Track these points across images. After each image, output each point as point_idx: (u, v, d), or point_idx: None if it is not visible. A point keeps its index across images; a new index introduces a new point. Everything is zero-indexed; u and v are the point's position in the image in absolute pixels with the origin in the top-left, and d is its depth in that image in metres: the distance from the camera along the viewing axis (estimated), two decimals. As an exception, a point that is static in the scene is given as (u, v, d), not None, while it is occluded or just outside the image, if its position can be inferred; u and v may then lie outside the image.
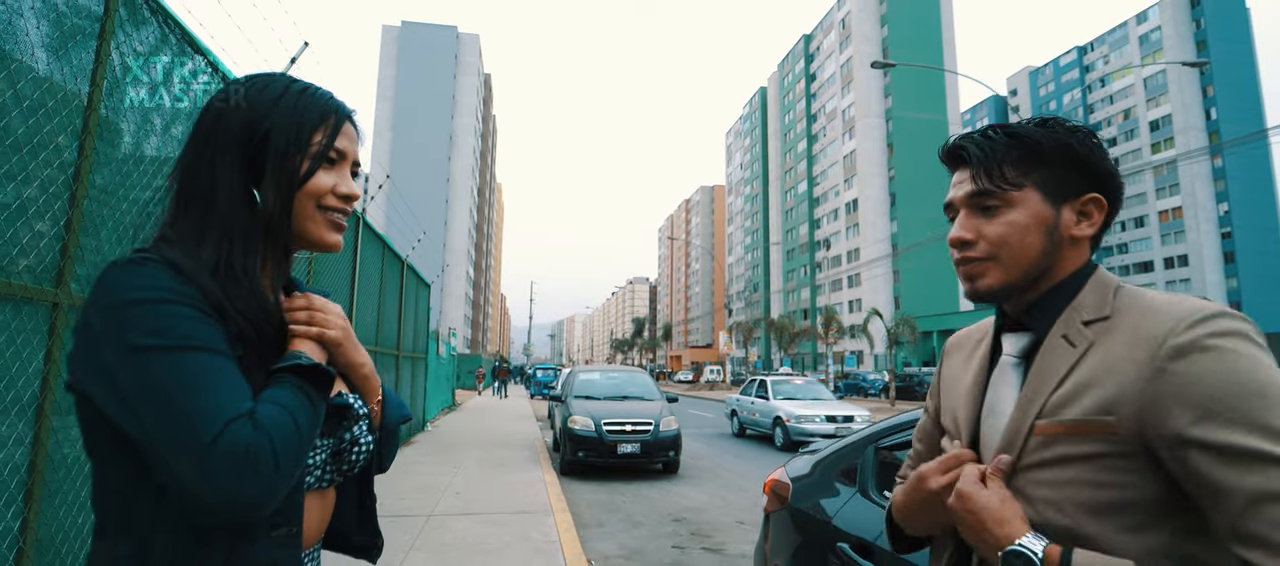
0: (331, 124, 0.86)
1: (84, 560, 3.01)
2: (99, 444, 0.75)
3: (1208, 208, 63.57)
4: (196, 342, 0.70)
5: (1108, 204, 0.90)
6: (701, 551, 5.22)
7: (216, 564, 0.74)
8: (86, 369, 0.72)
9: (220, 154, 0.81)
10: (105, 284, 0.72)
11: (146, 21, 3.27)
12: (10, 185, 2.42)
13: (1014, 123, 0.94)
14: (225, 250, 0.79)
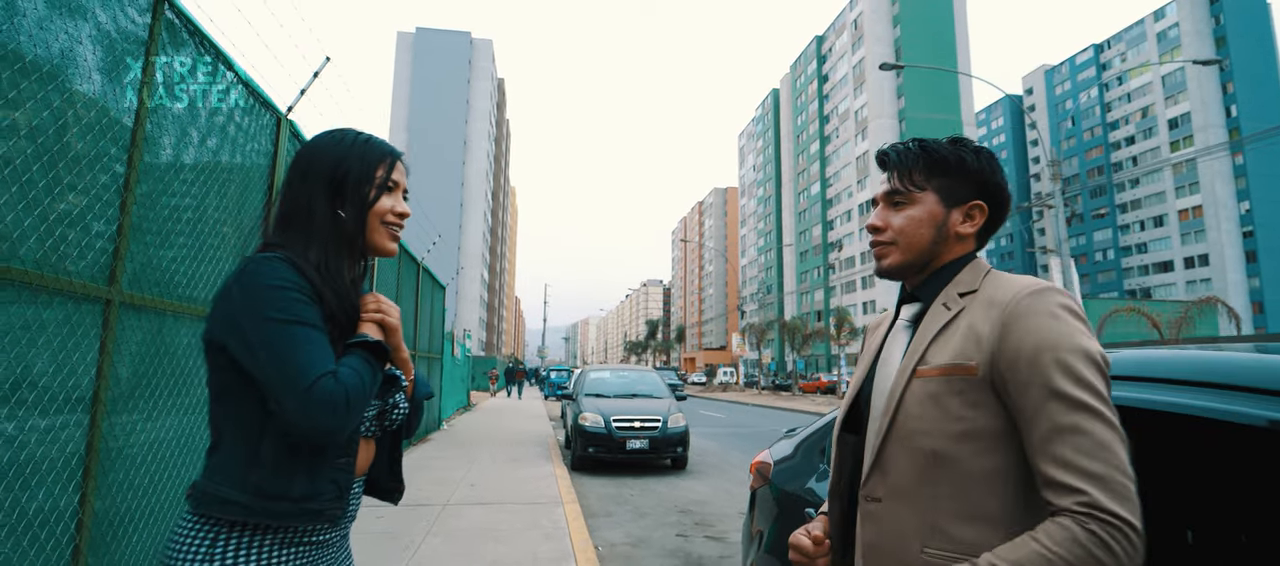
0: (388, 163, 1.19)
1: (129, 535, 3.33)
2: (226, 381, 1.05)
3: (1229, 206, 62.63)
4: (304, 320, 1.02)
5: (991, 210, 1.14)
6: (704, 539, 5.45)
7: (301, 471, 1.04)
8: (224, 327, 1.03)
9: (314, 186, 1.13)
10: (248, 271, 1.03)
11: (185, 43, 3.56)
12: (71, 194, 2.71)
13: (930, 140, 1.18)
14: (322, 255, 1.11)
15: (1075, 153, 77.87)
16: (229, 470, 1.03)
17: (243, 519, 1.02)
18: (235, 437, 1.04)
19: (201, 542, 1.02)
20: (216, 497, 1.02)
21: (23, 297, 2.48)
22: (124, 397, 3.11)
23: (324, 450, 1.06)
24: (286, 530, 1.06)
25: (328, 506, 1.07)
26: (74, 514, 2.83)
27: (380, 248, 1.19)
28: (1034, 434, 0.93)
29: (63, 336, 2.71)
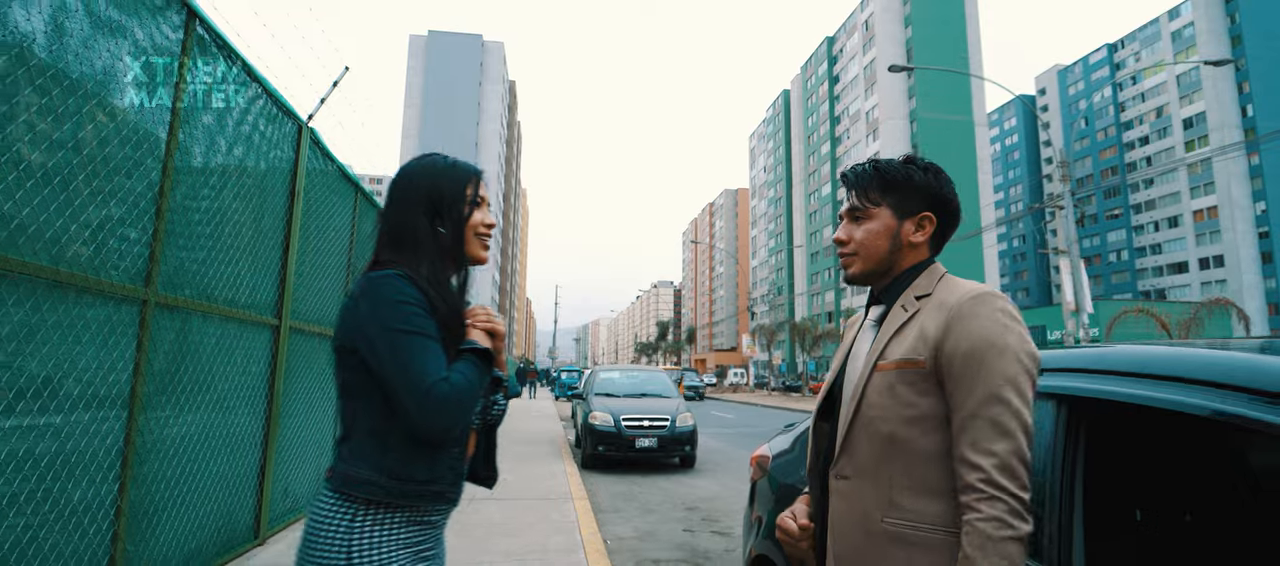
0: (475, 181, 1.35)
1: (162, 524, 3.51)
2: (357, 380, 1.21)
3: (1244, 207, 61.90)
4: (422, 331, 1.17)
5: (939, 220, 1.28)
6: (710, 534, 5.59)
7: (425, 457, 1.20)
8: (354, 334, 1.19)
9: (414, 208, 1.28)
10: (375, 286, 1.19)
11: (214, 56, 3.74)
12: (112, 202, 2.89)
13: (883, 160, 1.33)
14: (431, 269, 1.26)
15: (1089, 153, 77.22)
16: (365, 456, 1.18)
17: (378, 498, 1.17)
18: (368, 428, 1.20)
19: (343, 517, 1.16)
20: (356, 479, 1.17)
21: (70, 298, 2.66)
22: (156, 393, 3.29)
23: (442, 443, 1.22)
24: (412, 509, 1.21)
25: (448, 489, 1.25)
26: (113, 502, 3.00)
27: (475, 257, 1.35)
28: (958, 417, 1.08)
29: (104, 334, 2.89)
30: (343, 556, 1.14)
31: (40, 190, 2.46)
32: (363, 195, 6.71)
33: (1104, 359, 1.45)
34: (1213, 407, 1.14)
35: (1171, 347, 1.36)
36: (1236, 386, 1.09)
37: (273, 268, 4.62)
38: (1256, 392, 1.04)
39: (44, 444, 2.54)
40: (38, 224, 2.46)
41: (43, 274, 2.46)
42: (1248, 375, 1.09)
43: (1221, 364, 1.18)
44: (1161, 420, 1.36)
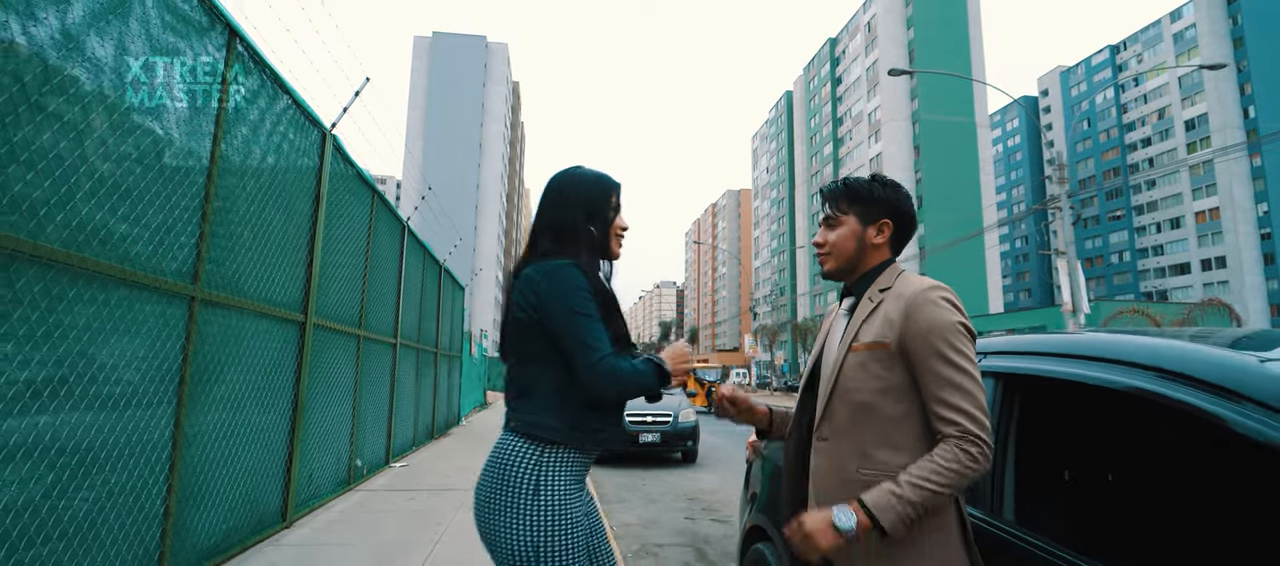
0: (617, 191, 1.67)
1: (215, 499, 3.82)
2: (540, 348, 1.52)
3: (1246, 208, 61.95)
4: (591, 314, 1.48)
5: (896, 225, 1.56)
6: (710, 522, 5.86)
7: (596, 413, 1.52)
8: (538, 311, 1.49)
9: (575, 210, 1.61)
10: (556, 272, 1.50)
11: (252, 71, 4.03)
12: (166, 208, 3.17)
13: (852, 178, 1.61)
14: (588, 260, 1.56)
15: (1091, 154, 77.33)
16: (549, 408, 1.50)
17: (559, 440, 1.49)
18: (551, 387, 1.52)
19: (532, 454, 1.48)
20: (544, 424, 1.50)
21: (133, 294, 2.95)
22: (200, 384, 3.57)
23: (611, 405, 1.56)
24: (581, 450, 1.53)
25: (610, 437, 1.57)
26: (165, 481, 3.28)
27: (614, 253, 1.67)
28: (926, 386, 1.36)
29: (159, 327, 3.17)
30: (531, 485, 1.47)
31: (109, 198, 2.75)
32: (379, 198, 7.00)
33: (1034, 343, 1.73)
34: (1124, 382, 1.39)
35: (1091, 334, 1.63)
36: (1143, 365, 1.36)
37: (299, 267, 4.91)
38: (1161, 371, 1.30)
39: (110, 426, 2.83)
40: (108, 228, 2.75)
41: (114, 272, 2.75)
42: (1150, 356, 1.36)
43: (1129, 347, 1.45)
44: (1085, 393, 1.62)
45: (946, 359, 1.34)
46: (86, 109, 2.61)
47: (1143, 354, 1.37)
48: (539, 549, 1.43)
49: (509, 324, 1.57)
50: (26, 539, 2.36)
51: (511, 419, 1.53)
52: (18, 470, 2.32)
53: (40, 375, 2.41)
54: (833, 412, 1.49)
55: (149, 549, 3.13)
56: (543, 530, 1.44)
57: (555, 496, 1.47)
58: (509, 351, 1.58)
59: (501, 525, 1.45)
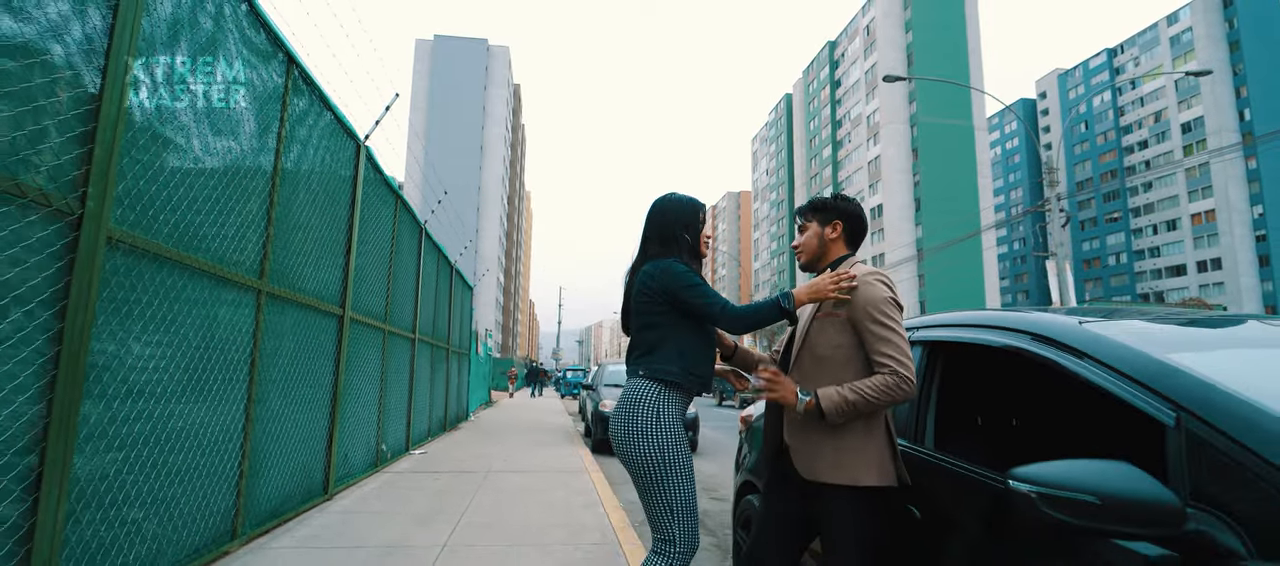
0: (704, 210, 2.31)
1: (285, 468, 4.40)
2: (666, 318, 2.12)
3: (1242, 210, 62.49)
4: (704, 285, 2.12)
5: (846, 224, 2.10)
6: (709, 499, 6.39)
7: (703, 362, 2.11)
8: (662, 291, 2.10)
9: (676, 224, 2.21)
10: (669, 266, 2.14)
11: (303, 91, 4.56)
12: (240, 213, 3.70)
13: (816, 197, 2.14)
14: (688, 259, 2.17)
15: (1088, 157, 77.86)
16: (670, 360, 2.12)
17: (677, 381, 2.11)
18: (670, 345, 2.12)
19: (656, 391, 2.10)
20: (666, 370, 2.12)
21: (215, 285, 3.47)
22: (264, 368, 4.10)
23: (709, 354, 2.15)
24: (689, 391, 2.15)
25: (709, 380, 2.20)
26: (240, 449, 3.81)
27: (703, 254, 2.30)
28: (867, 342, 1.89)
29: (235, 318, 3.69)
30: (655, 413, 2.06)
31: (209, 210, 3.28)
32: (401, 203, 7.53)
33: (951, 318, 2.26)
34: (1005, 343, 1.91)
35: (991, 310, 2.15)
36: (1022, 331, 1.87)
37: (338, 265, 5.44)
38: (1033, 335, 1.81)
39: (201, 401, 3.35)
40: (208, 234, 3.28)
41: (212, 270, 3.28)
42: (1030, 324, 1.88)
43: (1016, 318, 1.97)
44: (992, 354, 2.16)
45: (880, 322, 1.88)
46: (187, 133, 3.14)
47: (1023, 322, 1.89)
48: (665, 456, 2.04)
49: (634, 302, 2.21)
50: (158, 486, 2.89)
51: (641, 368, 2.14)
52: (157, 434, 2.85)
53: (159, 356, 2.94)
54: (801, 362, 2.03)
55: (227, 506, 3.66)
56: (666, 445, 2.05)
57: (672, 421, 2.08)
58: (634, 323, 2.22)
59: (636, 443, 2.05)
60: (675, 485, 2.05)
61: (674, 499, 2.05)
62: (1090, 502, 1.11)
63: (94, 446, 2.51)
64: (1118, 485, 1.11)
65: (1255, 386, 1.19)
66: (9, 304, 2.09)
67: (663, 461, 2.04)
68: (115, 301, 2.60)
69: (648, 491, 2.08)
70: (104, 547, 2.60)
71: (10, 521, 2.13)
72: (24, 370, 2.16)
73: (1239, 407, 1.15)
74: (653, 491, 2.06)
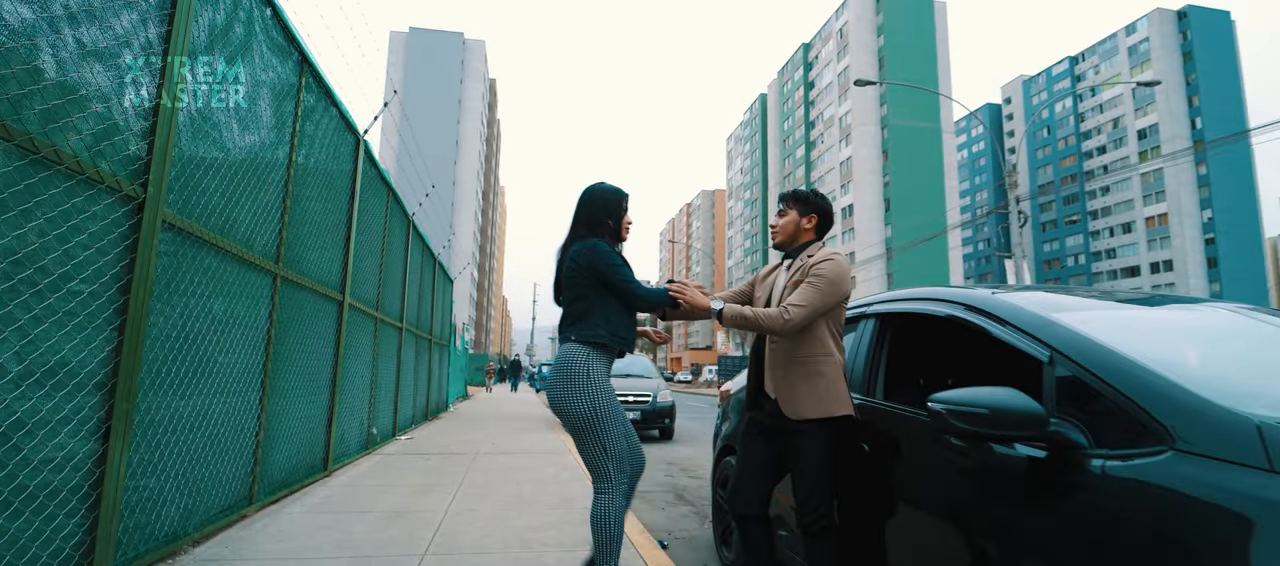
0: (626, 200, 2.64)
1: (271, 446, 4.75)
2: (592, 290, 2.46)
3: (1192, 214, 65.13)
4: (624, 266, 2.46)
5: (819, 218, 2.51)
6: (687, 478, 6.80)
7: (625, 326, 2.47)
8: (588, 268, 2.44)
9: (601, 211, 2.54)
10: (596, 246, 2.47)
11: (312, 88, 4.84)
12: (263, 201, 3.98)
13: (795, 189, 2.56)
14: (611, 242, 2.54)
15: (1050, 160, 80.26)
16: (597, 326, 2.44)
17: (604, 343, 2.44)
18: (597, 313, 2.45)
19: (586, 353, 2.43)
20: (595, 334, 2.44)
21: (241, 267, 3.77)
22: (278, 347, 4.38)
23: (630, 320, 2.50)
24: (614, 351, 2.48)
25: (631, 342, 2.52)
26: (257, 421, 4.10)
27: (624, 238, 2.67)
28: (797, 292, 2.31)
29: (256, 298, 3.98)
30: (586, 370, 2.40)
31: (237, 198, 3.57)
32: (394, 196, 7.80)
33: (897, 294, 2.69)
34: (946, 313, 2.34)
35: (931, 287, 2.58)
36: (959, 303, 2.30)
37: (339, 253, 5.72)
38: (964, 305, 2.24)
39: (228, 374, 3.65)
40: (236, 220, 3.58)
41: (239, 253, 3.58)
42: (966, 297, 2.31)
43: (956, 292, 2.40)
44: (931, 323, 2.58)
45: (811, 283, 2.31)
46: (218, 127, 3.44)
47: (956, 295, 2.32)
48: (598, 407, 2.38)
49: (565, 278, 2.52)
50: (194, 450, 3.20)
51: (572, 334, 2.46)
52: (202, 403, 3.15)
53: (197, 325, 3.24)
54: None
55: (245, 473, 3.95)
56: (596, 398, 2.38)
57: (602, 378, 2.42)
58: (566, 295, 2.52)
59: (571, 398, 2.38)
60: (609, 430, 2.39)
61: (609, 441, 2.39)
62: (982, 413, 1.53)
63: (142, 411, 2.81)
64: (1000, 401, 1.52)
65: (1105, 333, 1.63)
66: (87, 278, 2.39)
67: (596, 412, 2.37)
68: (164, 280, 2.90)
69: (585, 439, 2.40)
70: (154, 499, 2.91)
71: (84, 465, 2.44)
72: (98, 335, 2.46)
73: (1089, 347, 1.58)
74: (589, 438, 2.39)
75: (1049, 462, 1.51)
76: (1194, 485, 1.20)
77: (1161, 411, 1.34)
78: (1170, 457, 1.28)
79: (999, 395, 1.54)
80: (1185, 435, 1.28)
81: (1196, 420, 1.28)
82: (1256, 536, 1.07)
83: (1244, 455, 1.17)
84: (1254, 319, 1.94)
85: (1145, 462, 1.31)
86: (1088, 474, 1.41)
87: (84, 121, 2.32)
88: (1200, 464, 1.22)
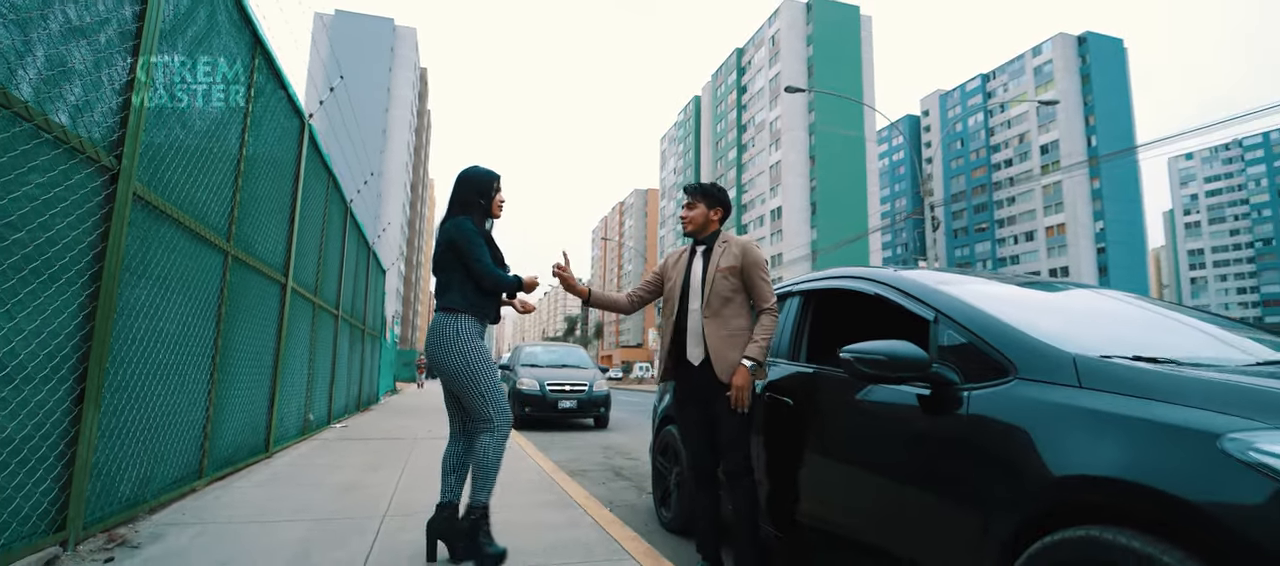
0: (498, 181, 2.88)
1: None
2: (452, 264, 2.71)
3: (1086, 224, 70.83)
4: (480, 244, 2.70)
5: (723, 210, 2.89)
6: (623, 459, 7.14)
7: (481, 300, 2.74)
8: (452, 243, 2.70)
9: (472, 191, 2.79)
10: (462, 224, 2.71)
11: (263, 69, 4.88)
12: (217, 178, 4.04)
13: (701, 184, 2.92)
14: (479, 220, 2.78)
15: (963, 171, 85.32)
16: (455, 297, 2.68)
17: (466, 309, 2.67)
18: (456, 285, 2.69)
19: (453, 318, 2.66)
20: (453, 302, 2.67)
21: (197, 243, 3.84)
22: (227, 327, 4.43)
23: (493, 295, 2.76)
24: (477, 318, 2.72)
25: (489, 313, 2.76)
26: (207, 398, 4.16)
27: (496, 215, 2.93)
28: (754, 289, 2.68)
29: (210, 276, 4.04)
30: (455, 331, 2.66)
31: (196, 173, 3.64)
32: (334, 183, 7.78)
33: (818, 275, 3.10)
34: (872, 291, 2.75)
35: (846, 268, 2.99)
36: (869, 278, 2.71)
37: (283, 236, 5.74)
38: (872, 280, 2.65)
39: (184, 348, 3.71)
40: (195, 198, 3.65)
41: (197, 229, 3.65)
42: (873, 274, 2.72)
43: (866, 271, 2.82)
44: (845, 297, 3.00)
45: (766, 277, 2.68)
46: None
47: (869, 273, 2.74)
48: (469, 359, 2.68)
49: (436, 252, 2.80)
50: (152, 420, 3.28)
51: (442, 304, 2.75)
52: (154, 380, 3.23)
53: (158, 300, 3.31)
54: (710, 301, 2.79)
55: (194, 452, 4.01)
56: (466, 353, 2.68)
57: (471, 335, 2.72)
58: (437, 267, 2.81)
59: (444, 357, 2.69)
60: (483, 377, 2.67)
61: (485, 387, 2.67)
62: (882, 359, 1.92)
63: (110, 376, 2.90)
64: (896, 350, 1.92)
65: (974, 300, 2.06)
66: (68, 243, 2.49)
67: (467, 364, 2.66)
68: (132, 250, 2.99)
69: (465, 388, 2.67)
70: (116, 465, 2.99)
71: (62, 426, 2.54)
72: (73, 303, 2.56)
73: (962, 308, 2.01)
74: (469, 387, 2.67)
75: (932, 396, 1.92)
76: (1029, 400, 1.63)
77: (1009, 352, 1.77)
78: (1015, 383, 1.70)
79: (895, 346, 1.94)
80: (1024, 367, 1.70)
81: (1032, 356, 1.71)
82: (1068, 426, 1.49)
83: (1062, 378, 1.60)
84: (1094, 293, 2.44)
85: (998, 389, 1.74)
86: (959, 402, 1.82)
87: (70, 92, 2.43)
88: (1034, 386, 1.65)
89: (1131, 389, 1.46)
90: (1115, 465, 1.34)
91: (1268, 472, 1.13)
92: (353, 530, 3.24)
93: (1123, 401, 1.44)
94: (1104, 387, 1.50)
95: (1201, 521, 1.18)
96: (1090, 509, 1.38)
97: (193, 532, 3.08)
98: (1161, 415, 1.35)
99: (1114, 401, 1.45)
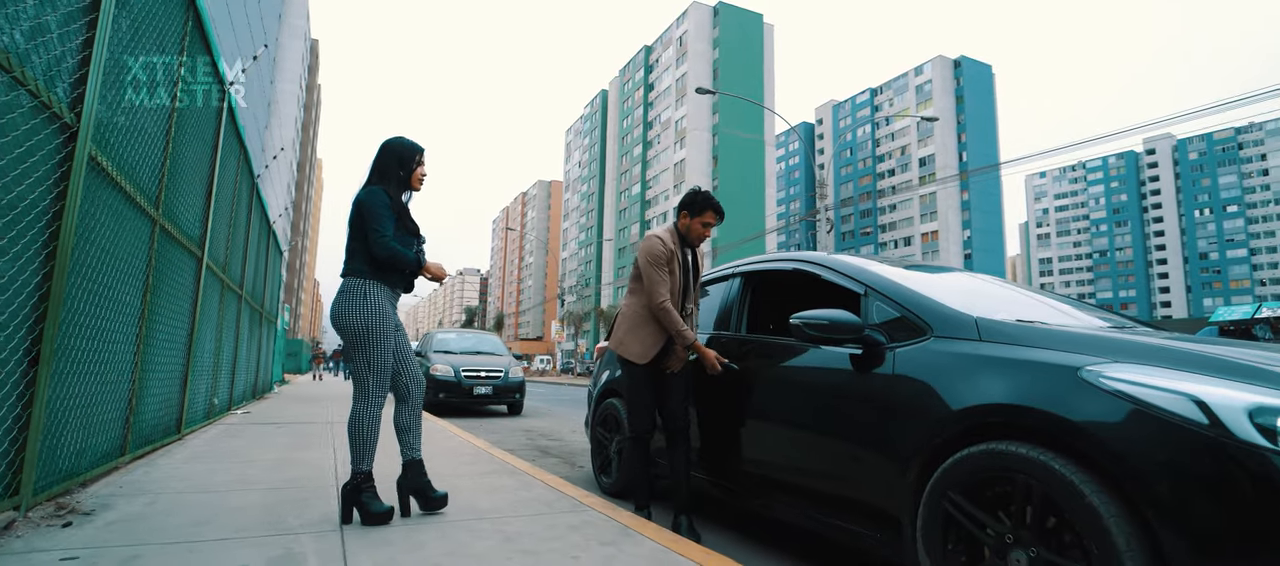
0: (421, 153, 2.98)
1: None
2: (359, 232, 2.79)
3: (956, 232, 77.64)
4: (387, 216, 2.78)
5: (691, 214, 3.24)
6: (547, 441, 7.36)
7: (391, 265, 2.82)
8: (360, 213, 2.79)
9: (391, 160, 2.89)
10: (371, 193, 2.79)
11: (194, 36, 4.72)
12: (150, 144, 3.91)
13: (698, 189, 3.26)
14: (396, 191, 2.89)
15: (851, 178, 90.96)
16: (364, 261, 2.75)
17: (373, 276, 2.76)
18: (363, 250, 2.76)
19: (359, 282, 2.73)
20: (362, 268, 2.76)
21: (132, 209, 3.72)
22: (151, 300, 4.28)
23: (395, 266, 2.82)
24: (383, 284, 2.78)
25: (396, 281, 2.85)
26: (131, 375, 4.02)
27: (416, 187, 2.96)
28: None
29: (140, 245, 3.92)
30: (361, 294, 2.75)
31: (133, 144, 3.53)
32: (246, 155, 7.45)
33: (758, 258, 3.50)
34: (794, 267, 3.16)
35: (785, 252, 3.41)
36: (804, 260, 3.12)
37: (200, 207, 5.52)
38: (810, 261, 3.05)
39: (116, 318, 3.59)
40: (132, 164, 3.54)
41: (133, 196, 3.55)
42: (808, 257, 3.13)
43: (801, 255, 3.24)
44: (781, 276, 3.41)
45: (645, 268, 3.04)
46: (127, 61, 3.41)
47: (804, 256, 3.15)
48: (368, 325, 2.77)
49: (350, 218, 2.89)
50: (94, 388, 3.19)
51: (347, 268, 2.83)
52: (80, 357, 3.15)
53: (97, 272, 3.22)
54: (704, 290, 3.13)
55: (119, 426, 3.87)
56: (369, 317, 2.77)
57: (377, 302, 2.79)
58: (349, 233, 2.89)
59: (347, 314, 2.76)
60: (375, 347, 2.72)
61: (373, 357, 2.73)
62: (825, 324, 2.32)
63: (61, 339, 2.83)
64: (836, 317, 2.33)
65: (896, 278, 2.51)
66: (32, 201, 2.45)
67: (365, 328, 2.71)
68: (83, 211, 2.92)
69: (355, 351, 2.73)
70: (59, 431, 2.92)
71: (19, 388, 2.49)
72: (36, 260, 2.52)
73: (887, 284, 2.45)
74: (359, 351, 2.73)
75: (864, 356, 2.34)
76: (944, 353, 2.07)
77: (926, 316, 2.21)
78: (931, 341, 2.14)
79: (836, 314, 2.34)
80: (937, 327, 2.15)
81: (943, 319, 2.16)
82: (975, 368, 1.94)
83: (966, 334, 2.05)
84: (977, 278, 2.99)
85: (916, 346, 2.17)
86: (885, 359, 2.24)
87: (45, 47, 2.39)
88: (945, 342, 2.09)
89: (1018, 340, 1.92)
90: (1009, 393, 1.79)
91: (1109, 391, 1.59)
92: (312, 495, 3.31)
93: (1012, 348, 1.90)
94: (998, 341, 1.96)
95: (1067, 429, 1.63)
96: (992, 429, 1.83)
97: (143, 501, 3.05)
98: (1039, 357, 1.81)
99: (1007, 349, 1.91)
